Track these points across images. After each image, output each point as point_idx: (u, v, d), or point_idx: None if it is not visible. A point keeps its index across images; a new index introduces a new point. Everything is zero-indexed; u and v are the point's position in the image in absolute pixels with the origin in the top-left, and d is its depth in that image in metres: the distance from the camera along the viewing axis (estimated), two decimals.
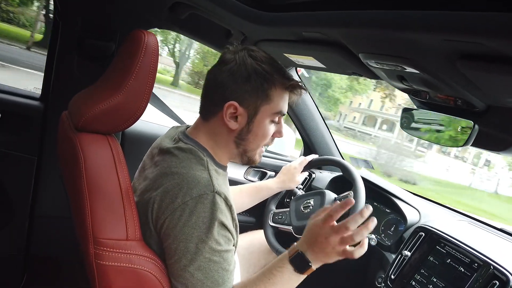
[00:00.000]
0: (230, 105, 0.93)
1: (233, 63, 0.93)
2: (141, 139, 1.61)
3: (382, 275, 1.34)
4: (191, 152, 0.94)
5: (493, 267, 1.04)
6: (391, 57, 0.84)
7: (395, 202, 1.49)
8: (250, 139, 0.97)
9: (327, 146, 1.91)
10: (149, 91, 0.93)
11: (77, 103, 1.00)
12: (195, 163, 0.92)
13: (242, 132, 0.96)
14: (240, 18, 1.09)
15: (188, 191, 0.86)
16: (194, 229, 0.84)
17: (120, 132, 1.56)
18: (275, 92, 0.95)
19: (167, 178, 0.90)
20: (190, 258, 0.84)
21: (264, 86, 0.93)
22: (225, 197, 0.88)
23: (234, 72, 0.92)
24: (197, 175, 0.88)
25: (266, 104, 0.95)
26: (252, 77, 0.92)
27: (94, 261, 0.86)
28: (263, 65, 0.93)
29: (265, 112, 0.95)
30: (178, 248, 0.85)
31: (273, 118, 0.98)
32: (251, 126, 0.96)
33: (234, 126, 0.95)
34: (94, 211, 0.85)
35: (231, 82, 0.92)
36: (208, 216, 0.85)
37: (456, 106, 0.92)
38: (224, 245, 0.87)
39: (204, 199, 0.85)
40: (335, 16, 0.84)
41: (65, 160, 0.99)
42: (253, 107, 0.94)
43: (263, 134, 0.98)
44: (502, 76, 0.67)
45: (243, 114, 0.94)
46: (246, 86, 0.92)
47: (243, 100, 0.93)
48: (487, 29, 0.55)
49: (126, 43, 0.99)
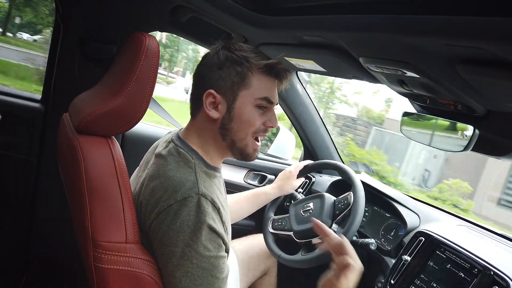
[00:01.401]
0: (208, 93, 0.95)
1: (209, 57, 0.97)
2: (141, 141, 1.61)
3: (381, 280, 1.34)
4: (179, 155, 0.94)
5: (493, 272, 1.03)
6: (391, 61, 0.85)
7: (395, 206, 1.49)
8: (234, 127, 0.97)
9: (328, 150, 1.91)
10: (149, 94, 0.93)
11: (77, 105, 1.00)
12: (183, 165, 0.91)
13: (224, 121, 0.96)
14: (241, 22, 1.09)
15: (173, 194, 0.85)
16: (179, 232, 0.83)
17: (120, 135, 1.56)
18: (252, 76, 0.95)
19: (154, 181, 0.90)
20: (176, 263, 0.83)
21: (238, 70, 0.94)
22: (211, 199, 0.87)
23: (208, 63, 0.96)
24: (183, 177, 0.88)
25: (245, 89, 0.95)
26: (225, 64, 0.94)
27: (93, 263, 0.86)
28: (236, 52, 0.95)
29: (245, 98, 0.96)
30: (164, 253, 0.84)
31: (257, 103, 0.97)
32: (232, 113, 0.96)
33: (215, 115, 0.96)
34: (93, 214, 0.85)
35: (207, 72, 0.96)
36: (193, 219, 0.83)
37: (456, 111, 0.92)
38: (214, 251, 0.85)
39: (189, 202, 0.84)
40: (335, 20, 0.84)
41: (65, 162, 0.99)
42: (231, 92, 0.95)
43: (247, 120, 0.97)
44: (503, 81, 0.67)
45: (222, 102, 0.95)
46: (219, 73, 0.95)
47: (219, 87, 0.95)
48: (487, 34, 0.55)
49: (126, 45, 0.99)
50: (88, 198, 0.85)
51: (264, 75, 0.96)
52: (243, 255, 1.46)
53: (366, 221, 1.58)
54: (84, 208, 0.85)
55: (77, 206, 0.89)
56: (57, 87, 1.46)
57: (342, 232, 1.27)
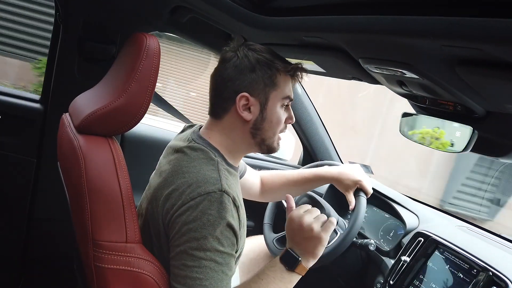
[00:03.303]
0: (242, 96, 0.96)
1: (235, 58, 0.97)
2: (141, 141, 1.61)
3: (380, 280, 1.34)
4: (202, 152, 0.95)
5: (492, 273, 1.04)
6: (390, 62, 0.85)
7: (394, 207, 1.49)
8: (265, 127, 1.00)
9: (327, 151, 1.91)
10: (150, 94, 0.93)
11: (78, 105, 1.00)
12: (206, 163, 0.93)
13: (257, 122, 0.99)
14: (241, 22, 1.10)
15: (196, 189, 0.87)
16: (198, 225, 0.84)
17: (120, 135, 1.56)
18: (280, 77, 0.99)
19: (177, 176, 0.91)
20: (191, 253, 0.84)
21: (269, 73, 0.97)
22: (233, 197, 0.89)
23: (239, 65, 0.96)
24: (206, 174, 0.90)
25: (274, 91, 0.99)
26: (256, 66, 0.96)
27: (93, 263, 0.86)
28: (264, 54, 0.98)
29: (275, 99, 0.99)
30: (181, 243, 0.85)
31: (283, 103, 1.01)
32: (264, 114, 0.99)
33: (248, 117, 0.98)
34: (94, 213, 0.85)
35: (238, 75, 0.96)
36: (214, 214, 0.85)
37: (455, 112, 0.93)
38: (227, 248, 0.87)
39: (212, 197, 0.86)
40: (335, 21, 0.85)
41: (65, 162, 0.99)
42: (263, 95, 0.98)
43: (277, 120, 1.01)
44: (502, 82, 0.67)
45: (255, 104, 0.97)
46: (253, 76, 0.96)
47: (253, 89, 0.97)
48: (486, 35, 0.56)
49: (127, 46, 1.00)
50: (88, 198, 0.85)
51: (287, 76, 1.01)
52: (243, 258, 1.46)
53: (365, 221, 1.58)
54: (85, 208, 0.85)
55: (77, 206, 0.89)
56: (56, 87, 1.46)
57: (343, 234, 1.27)
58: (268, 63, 0.97)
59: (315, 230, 0.96)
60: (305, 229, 0.96)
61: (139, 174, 1.13)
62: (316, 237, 0.96)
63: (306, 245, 0.97)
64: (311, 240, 0.97)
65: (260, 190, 1.44)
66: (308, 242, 0.97)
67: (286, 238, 0.99)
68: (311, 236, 0.96)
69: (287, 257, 0.96)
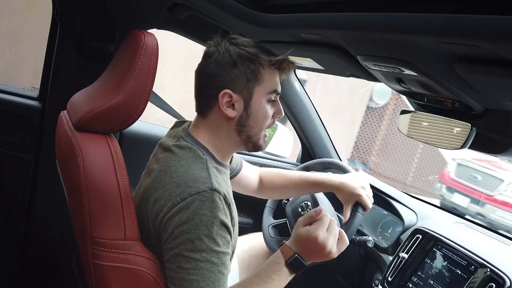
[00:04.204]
0: (224, 93, 0.94)
1: (217, 53, 0.95)
2: (139, 139, 1.61)
3: (379, 277, 1.34)
4: (190, 151, 0.94)
5: (490, 269, 1.04)
6: (389, 59, 0.85)
7: (393, 204, 1.50)
8: (251, 123, 0.98)
9: (326, 148, 1.91)
10: (148, 91, 0.93)
11: (76, 102, 1.00)
12: (194, 161, 0.92)
13: (241, 119, 0.97)
14: (239, 20, 1.09)
15: (186, 189, 0.86)
16: (191, 226, 0.83)
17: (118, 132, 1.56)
18: (264, 71, 0.96)
19: (166, 176, 0.90)
20: (186, 255, 0.83)
21: (252, 68, 0.95)
22: (224, 195, 0.88)
23: (220, 61, 0.94)
24: (196, 173, 0.88)
25: (258, 86, 0.96)
26: (238, 61, 0.94)
27: (92, 261, 0.86)
28: (246, 48, 0.95)
29: (259, 94, 0.97)
30: (175, 245, 0.84)
31: (269, 97, 0.99)
32: (249, 110, 0.97)
33: (232, 114, 0.96)
34: (92, 211, 0.85)
35: (220, 71, 0.94)
36: (206, 214, 0.84)
37: (454, 109, 0.93)
38: (223, 247, 0.86)
39: (203, 196, 0.85)
40: (334, 18, 0.84)
41: (64, 160, 0.99)
42: (246, 90, 0.95)
43: (263, 116, 0.99)
44: (500, 79, 0.67)
45: (238, 100, 0.95)
46: (235, 71, 0.94)
47: (235, 86, 0.94)
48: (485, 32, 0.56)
49: (125, 43, 0.99)
50: (86, 196, 0.85)
51: (272, 69, 0.98)
52: (243, 254, 1.46)
53: (363, 219, 1.58)
54: (83, 205, 0.85)
55: (76, 203, 0.89)
56: (54, 84, 1.45)
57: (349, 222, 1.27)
58: (251, 57, 0.95)
59: (328, 248, 0.95)
60: (319, 245, 0.95)
61: (138, 172, 1.13)
62: (327, 253, 0.96)
63: (314, 257, 0.96)
64: (321, 254, 0.96)
65: (257, 187, 1.42)
66: (317, 254, 0.96)
67: (293, 241, 0.97)
68: (323, 252, 0.96)
69: (295, 264, 0.94)
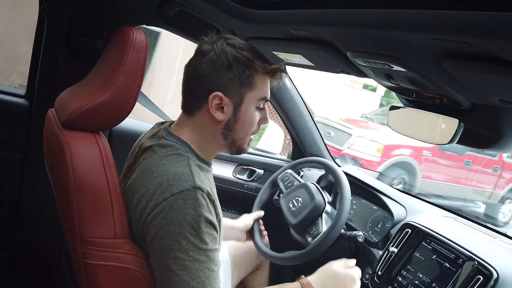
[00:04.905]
0: (215, 96, 0.92)
1: (212, 53, 0.92)
2: (128, 136, 1.60)
3: (369, 271, 1.36)
4: (172, 149, 0.92)
5: (477, 262, 1.06)
6: (378, 55, 0.85)
7: (382, 199, 1.51)
8: (238, 128, 0.97)
9: (316, 144, 1.92)
10: (137, 88, 0.92)
11: (64, 100, 0.99)
12: (175, 159, 0.90)
13: (229, 123, 0.95)
14: (229, 16, 1.09)
15: (168, 188, 0.84)
16: (176, 226, 0.82)
17: (107, 130, 1.55)
18: (258, 78, 0.95)
19: (147, 176, 0.88)
20: (173, 256, 0.82)
21: (246, 73, 0.93)
22: (207, 192, 0.86)
23: (215, 62, 0.91)
24: (178, 171, 0.87)
25: (250, 91, 0.95)
26: (233, 65, 0.91)
27: (81, 260, 0.85)
28: (243, 52, 0.93)
29: (250, 100, 0.95)
30: (160, 246, 0.83)
31: (258, 104, 0.97)
32: (238, 115, 0.95)
33: (220, 117, 0.94)
34: (81, 210, 0.84)
35: (213, 72, 0.91)
36: (191, 212, 0.83)
37: (442, 104, 0.93)
38: (210, 244, 0.85)
39: (185, 195, 0.83)
40: (323, 14, 0.84)
41: (52, 158, 0.98)
42: (238, 95, 0.94)
43: (250, 122, 0.98)
44: (488, 75, 0.68)
45: (228, 104, 0.93)
46: (229, 75, 0.92)
47: (227, 89, 0.92)
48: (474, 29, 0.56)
49: (113, 40, 0.98)
50: (75, 194, 0.84)
51: (265, 76, 0.97)
52: (235, 251, 1.46)
53: (353, 213, 1.59)
54: (72, 204, 0.84)
55: (65, 202, 0.88)
56: (42, 82, 1.43)
57: (330, 226, 1.28)
58: (247, 62, 0.92)
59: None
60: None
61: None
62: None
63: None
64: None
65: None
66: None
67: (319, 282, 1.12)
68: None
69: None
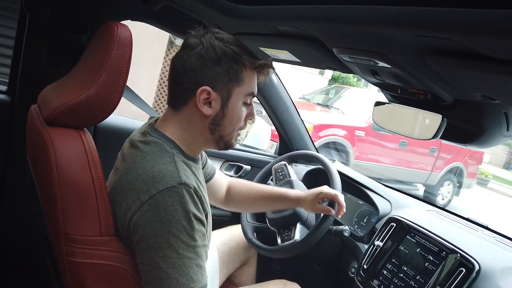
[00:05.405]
0: (203, 90, 0.91)
1: (201, 47, 0.91)
2: (114, 133, 1.58)
3: (355, 265, 1.37)
4: (156, 145, 0.91)
5: (460, 255, 1.08)
6: (363, 51, 0.86)
7: (368, 194, 1.53)
8: (225, 124, 0.96)
9: (303, 140, 1.93)
10: (122, 84, 0.91)
11: (47, 96, 0.97)
12: (160, 156, 0.89)
13: (216, 118, 0.94)
14: (215, 11, 1.08)
15: (154, 185, 0.83)
16: (163, 223, 0.81)
17: (92, 126, 1.53)
18: (246, 73, 0.94)
19: (131, 173, 0.87)
20: (162, 254, 0.81)
21: (235, 68, 0.92)
22: (194, 188, 0.86)
23: (203, 55, 0.90)
24: (163, 168, 0.86)
25: (238, 87, 0.94)
26: (222, 59, 0.91)
27: (66, 258, 0.84)
28: (231, 46, 0.92)
29: (238, 95, 0.95)
30: (148, 245, 0.82)
31: (246, 100, 0.97)
32: (225, 110, 0.94)
33: (208, 112, 0.93)
34: (66, 208, 0.83)
35: (202, 66, 0.90)
36: (178, 209, 0.82)
37: (426, 100, 0.95)
38: (199, 240, 0.85)
39: (172, 191, 0.82)
40: (309, 10, 0.85)
41: (35, 156, 0.96)
42: (226, 90, 0.93)
43: (237, 117, 0.97)
44: (470, 71, 0.69)
45: (216, 99, 0.93)
46: (218, 69, 0.91)
47: (216, 83, 0.91)
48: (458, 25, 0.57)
49: (98, 35, 0.97)
50: (60, 192, 0.83)
51: (253, 72, 0.96)
52: (223, 247, 1.46)
53: None
54: (56, 201, 0.83)
55: (48, 200, 0.87)
56: (24, 78, 1.40)
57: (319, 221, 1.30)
58: (235, 56, 0.92)
59: None
60: None
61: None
62: None
63: None
64: None
65: (225, 197, 1.38)
66: None
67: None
68: None
69: None
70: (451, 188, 6.46)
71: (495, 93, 0.77)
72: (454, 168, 6.39)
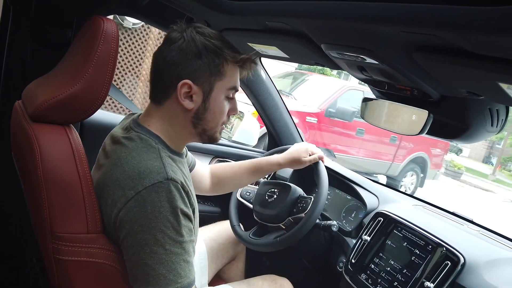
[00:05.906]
0: (184, 83, 0.90)
1: (181, 40, 0.91)
2: (100, 129, 1.56)
3: (343, 259, 1.39)
4: (141, 141, 0.90)
5: (446, 249, 1.10)
6: (351, 48, 0.86)
7: (356, 189, 1.54)
8: (208, 117, 0.96)
9: (291, 136, 1.93)
10: (109, 80, 0.90)
11: (32, 92, 0.95)
12: (146, 151, 0.88)
13: (198, 112, 0.94)
14: (204, 6, 1.08)
15: (140, 181, 0.83)
16: (150, 219, 0.81)
17: (78, 123, 1.51)
18: (227, 67, 0.94)
19: (117, 169, 0.87)
20: (149, 250, 0.81)
21: (216, 62, 0.92)
22: (181, 183, 0.86)
23: (184, 49, 0.90)
24: (149, 164, 0.85)
25: (220, 80, 0.94)
26: (203, 53, 0.90)
27: (53, 256, 0.83)
28: (212, 41, 0.92)
29: (219, 89, 0.94)
30: (135, 241, 0.82)
31: (228, 94, 0.97)
32: (207, 104, 0.94)
33: (189, 106, 0.93)
34: (52, 205, 0.82)
35: (182, 60, 0.90)
36: (165, 205, 0.82)
37: (412, 96, 0.96)
38: (186, 236, 0.85)
39: (158, 187, 0.82)
40: (298, 6, 0.85)
41: (19, 153, 0.95)
42: (207, 84, 0.93)
43: (220, 111, 0.97)
44: (455, 68, 0.70)
45: (198, 93, 0.92)
46: (198, 63, 0.90)
47: (197, 77, 0.91)
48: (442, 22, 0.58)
49: (83, 30, 0.96)
50: (45, 189, 0.82)
51: (235, 66, 0.96)
52: (212, 243, 1.46)
53: (328, 204, 1.62)
54: (42, 199, 0.82)
55: (34, 197, 0.86)
56: (7, 73, 1.37)
57: (306, 215, 1.31)
58: (216, 50, 0.91)
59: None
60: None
61: None
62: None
63: None
64: None
65: (210, 183, 1.39)
66: None
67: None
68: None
69: None
70: (415, 179, 6.27)
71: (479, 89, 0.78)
72: (417, 158, 6.17)
